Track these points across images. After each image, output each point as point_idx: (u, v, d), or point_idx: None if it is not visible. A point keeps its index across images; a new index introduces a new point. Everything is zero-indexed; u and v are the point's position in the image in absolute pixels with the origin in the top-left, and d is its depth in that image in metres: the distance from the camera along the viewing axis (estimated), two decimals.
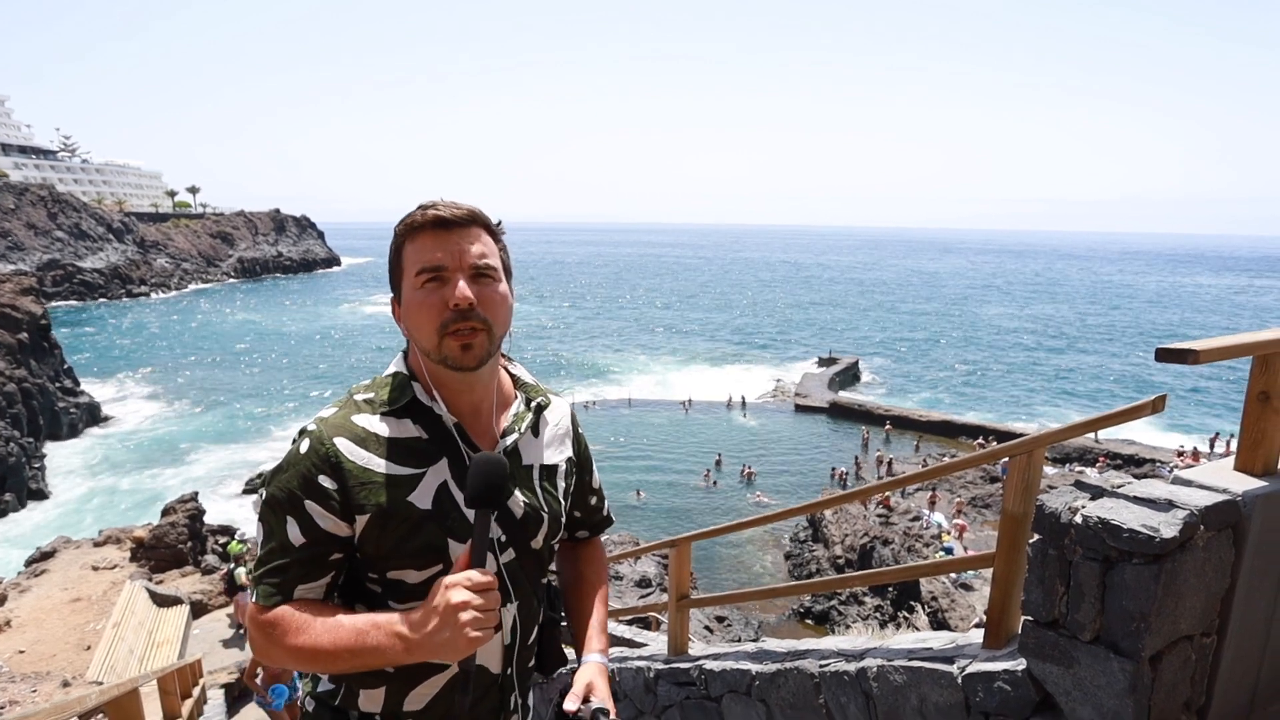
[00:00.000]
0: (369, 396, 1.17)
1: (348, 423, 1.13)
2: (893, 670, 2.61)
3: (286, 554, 1.10)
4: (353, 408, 1.15)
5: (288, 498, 1.09)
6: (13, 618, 11.87)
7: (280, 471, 1.11)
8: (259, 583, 1.11)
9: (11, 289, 35.20)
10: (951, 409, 39.20)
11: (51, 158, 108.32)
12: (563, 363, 53.48)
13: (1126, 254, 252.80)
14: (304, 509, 1.09)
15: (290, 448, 1.13)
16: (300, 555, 1.10)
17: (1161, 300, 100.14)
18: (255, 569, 1.12)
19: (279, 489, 1.10)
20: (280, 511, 1.10)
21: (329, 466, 1.09)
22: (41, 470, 29.75)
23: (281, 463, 1.12)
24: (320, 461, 1.09)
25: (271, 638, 1.09)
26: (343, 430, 1.12)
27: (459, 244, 1.11)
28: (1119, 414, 2.17)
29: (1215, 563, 1.80)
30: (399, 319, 1.17)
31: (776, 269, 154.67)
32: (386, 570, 1.14)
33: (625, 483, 28.58)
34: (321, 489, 1.08)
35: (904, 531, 19.96)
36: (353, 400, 1.17)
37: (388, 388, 1.18)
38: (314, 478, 1.08)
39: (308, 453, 1.10)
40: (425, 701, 1.19)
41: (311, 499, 1.08)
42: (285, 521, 1.09)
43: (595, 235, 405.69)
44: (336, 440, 1.10)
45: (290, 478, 1.09)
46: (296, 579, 1.11)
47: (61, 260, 76.84)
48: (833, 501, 3.71)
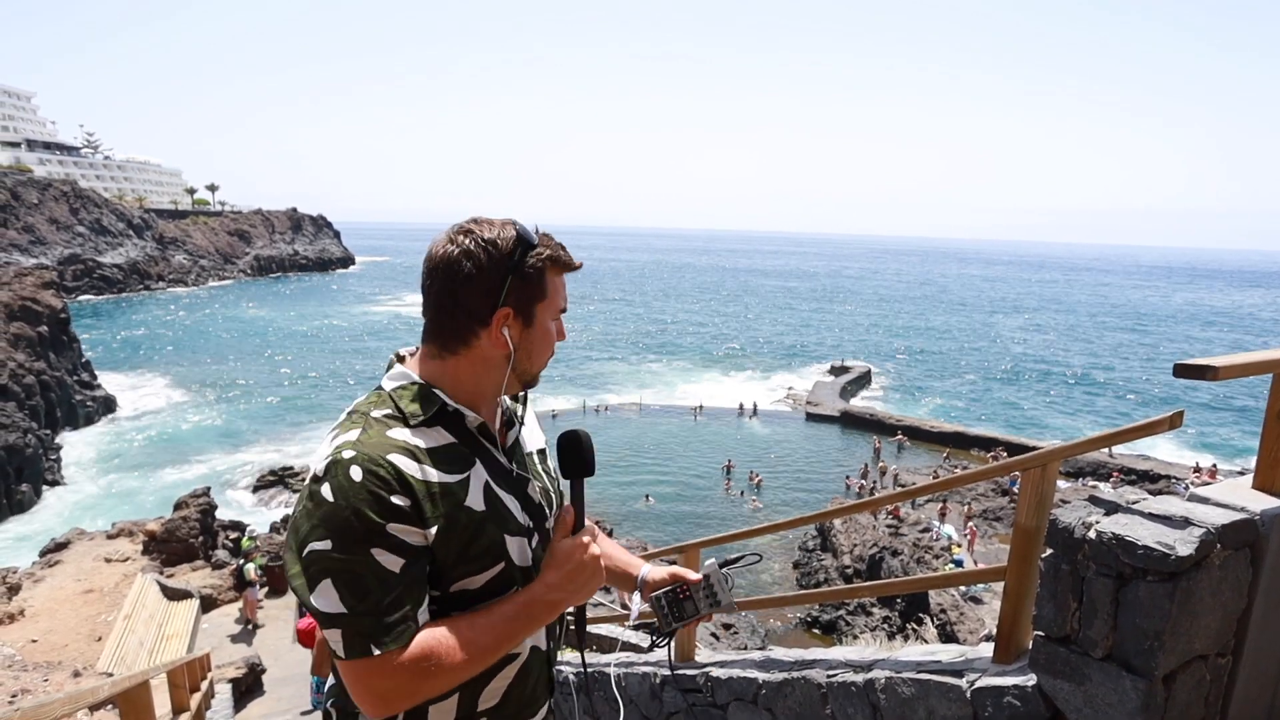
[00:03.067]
0: (388, 412, 1.12)
1: (388, 440, 1.07)
2: (901, 682, 2.59)
3: (393, 586, 1.02)
4: (380, 425, 1.10)
5: (364, 532, 1.00)
6: (26, 607, 12.02)
7: (339, 511, 1.00)
8: (381, 633, 1.01)
9: (33, 282, 35.74)
10: (964, 420, 38.93)
11: (75, 154, 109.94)
12: (572, 368, 53.58)
13: (1140, 267, 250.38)
14: (388, 534, 1.01)
15: (331, 486, 1.01)
16: (405, 579, 1.03)
17: (1178, 315, 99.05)
18: (358, 626, 1.00)
19: (351, 529, 1.00)
20: (361, 550, 1.00)
21: (398, 484, 1.03)
22: (58, 462, 30.13)
23: (333, 504, 1.01)
24: (385, 483, 1.02)
25: (427, 672, 1.03)
26: (390, 448, 1.06)
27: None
28: (1135, 429, 2.15)
29: (1232, 582, 1.78)
30: (502, 327, 1.15)
31: (788, 277, 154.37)
32: (451, 583, 1.11)
33: (634, 488, 28.58)
34: (397, 508, 1.02)
35: (914, 543, 19.84)
36: (372, 419, 1.10)
37: (408, 400, 1.14)
38: (385, 499, 1.02)
39: (365, 479, 1.01)
40: (499, 695, 1.20)
41: (392, 521, 1.02)
42: (371, 556, 1.01)
43: (603, 239, 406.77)
44: (390, 457, 1.04)
45: (360, 510, 1.00)
46: (416, 604, 1.05)
47: (82, 255, 77.91)
48: (842, 511, 3.70)
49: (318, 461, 1.05)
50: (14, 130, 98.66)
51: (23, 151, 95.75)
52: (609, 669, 5.10)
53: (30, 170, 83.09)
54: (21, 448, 27.60)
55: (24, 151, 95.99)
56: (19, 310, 33.22)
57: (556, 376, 49.79)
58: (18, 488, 27.15)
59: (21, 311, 33.26)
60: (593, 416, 39.61)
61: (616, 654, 5.69)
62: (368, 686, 1.02)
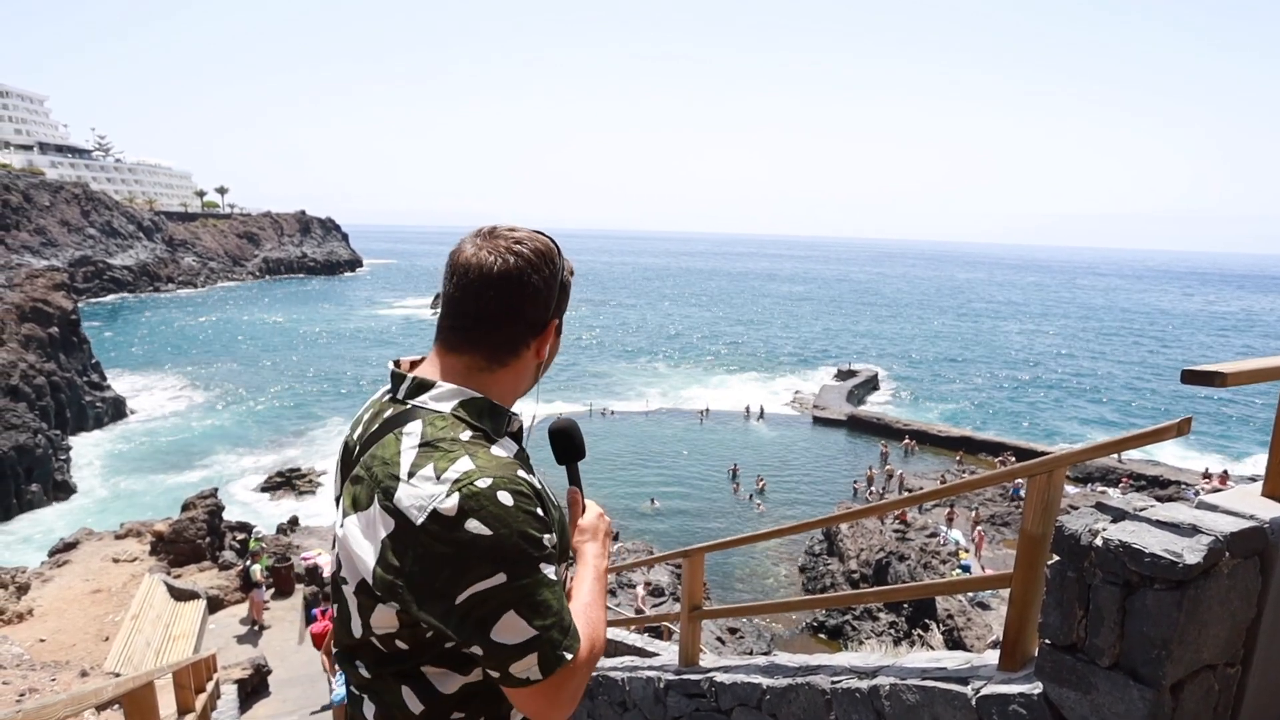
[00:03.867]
0: (471, 433, 1.08)
1: (500, 458, 1.05)
2: (906, 689, 2.58)
3: (559, 592, 1.04)
4: (479, 446, 1.06)
5: (534, 550, 0.99)
6: (35, 607, 12.09)
7: (501, 542, 0.97)
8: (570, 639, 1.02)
9: (44, 284, 36.02)
10: (972, 424, 38.77)
11: (86, 157, 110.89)
12: (580, 371, 53.61)
13: (1150, 271, 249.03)
14: (545, 546, 1.02)
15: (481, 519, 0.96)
16: (561, 581, 1.06)
17: (1189, 320, 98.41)
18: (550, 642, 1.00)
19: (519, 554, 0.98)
20: (534, 571, 0.99)
21: (537, 497, 1.04)
22: (67, 462, 30.33)
23: (493, 537, 0.96)
24: (531, 499, 1.02)
25: (595, 655, 1.09)
26: (510, 465, 1.04)
27: None
28: (1143, 435, 2.13)
29: (1241, 591, 1.76)
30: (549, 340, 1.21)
31: (793, 280, 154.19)
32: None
33: (640, 491, 28.56)
34: (546, 520, 1.03)
35: (920, 548, 19.75)
36: (465, 442, 1.05)
37: (477, 415, 1.11)
38: (537, 513, 1.01)
39: (516, 501, 0.99)
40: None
41: (547, 532, 1.03)
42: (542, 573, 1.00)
43: (607, 242, 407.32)
44: (520, 474, 1.04)
45: (524, 533, 0.98)
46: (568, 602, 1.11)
47: (93, 257, 78.52)
48: (849, 516, 3.68)
49: (428, 503, 0.97)
50: (27, 133, 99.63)
51: (35, 154, 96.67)
52: (613, 673, 5.09)
53: (42, 173, 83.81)
54: (31, 448, 27.80)
55: (36, 154, 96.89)
56: (30, 311, 33.49)
57: (563, 380, 49.85)
58: (28, 488, 27.36)
59: (33, 313, 33.53)
60: (599, 420, 39.62)
61: (620, 658, 5.68)
62: (563, 694, 1.02)
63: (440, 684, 1.08)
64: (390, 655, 1.08)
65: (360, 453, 1.12)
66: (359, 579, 1.04)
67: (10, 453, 26.76)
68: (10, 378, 29.29)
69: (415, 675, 1.08)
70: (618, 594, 18.04)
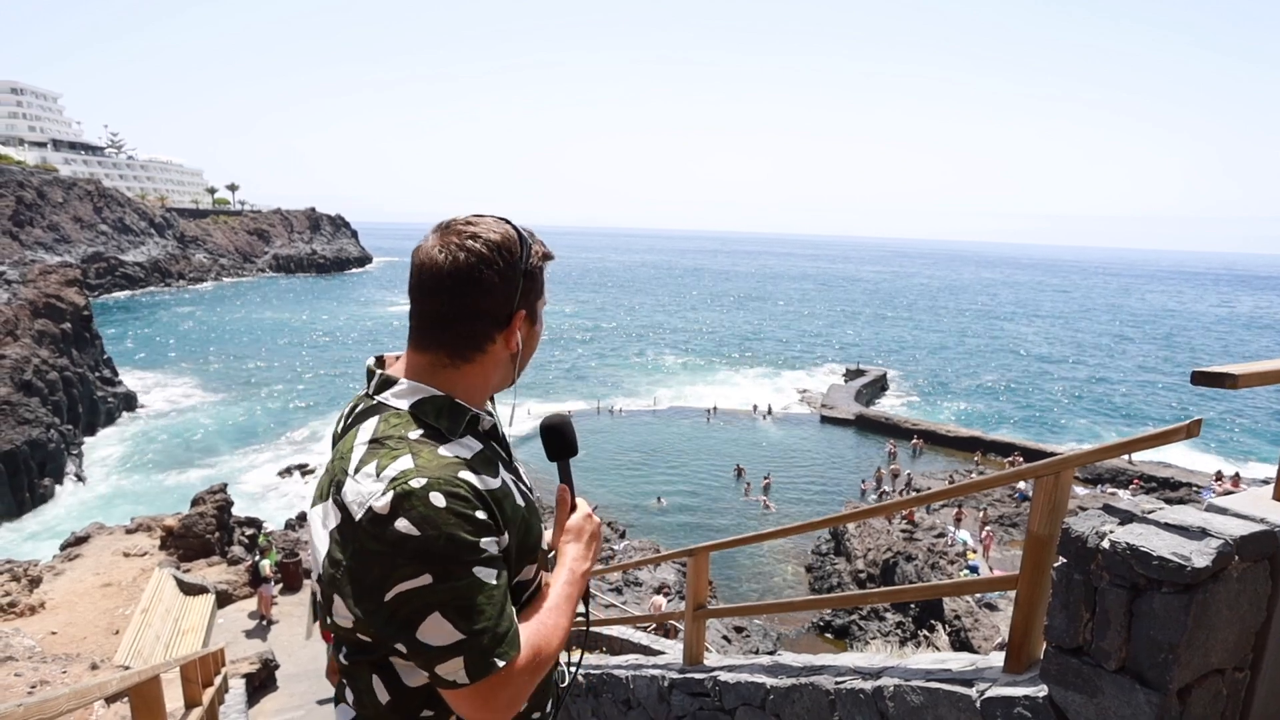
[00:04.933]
0: (421, 431, 1.08)
1: (445, 459, 1.04)
2: (909, 690, 2.56)
3: (497, 598, 1.02)
4: (426, 446, 1.05)
5: (466, 553, 0.99)
6: (47, 600, 12.20)
7: (430, 543, 0.96)
8: (502, 646, 1.01)
9: (57, 280, 36.33)
10: (981, 425, 38.57)
11: (99, 154, 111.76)
12: (587, 370, 53.65)
13: (1162, 271, 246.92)
14: (481, 549, 1.00)
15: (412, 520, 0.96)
16: (502, 587, 1.04)
17: (1198, 319, 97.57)
18: (478, 647, 0.98)
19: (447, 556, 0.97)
20: (465, 573, 0.98)
21: (476, 500, 1.02)
22: (79, 457, 30.62)
23: (421, 537, 0.96)
24: (467, 501, 1.01)
25: (538, 665, 1.07)
26: (452, 466, 1.03)
27: None
28: (1151, 437, 2.11)
29: (1250, 595, 1.74)
30: (517, 332, 1.15)
31: (801, 279, 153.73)
32: (513, 578, 1.12)
33: (646, 489, 28.57)
34: (483, 522, 1.01)
35: (928, 548, 19.66)
36: (412, 441, 1.05)
37: (433, 414, 1.11)
38: (473, 516, 1.00)
39: (449, 503, 0.98)
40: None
41: (484, 536, 1.01)
42: (475, 577, 0.99)
43: (614, 240, 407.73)
44: (461, 475, 1.02)
45: (453, 536, 0.98)
46: (512, 609, 1.07)
47: (105, 253, 79.13)
48: (856, 515, 3.66)
49: (366, 500, 0.98)
50: (41, 130, 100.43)
51: (49, 151, 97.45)
52: (618, 671, 5.09)
53: (56, 170, 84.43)
54: (44, 443, 28.07)
55: (50, 151, 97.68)
56: (43, 307, 33.80)
57: (570, 378, 49.90)
58: (40, 482, 27.62)
59: (46, 309, 33.83)
60: (606, 418, 39.65)
61: (625, 656, 5.68)
62: (496, 700, 1.01)
63: (406, 677, 1.09)
64: (360, 645, 1.09)
65: (333, 445, 1.16)
66: (318, 569, 1.07)
67: (23, 447, 27.02)
68: (24, 373, 29.56)
69: (385, 666, 1.09)
70: (624, 591, 18.04)
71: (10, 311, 32.23)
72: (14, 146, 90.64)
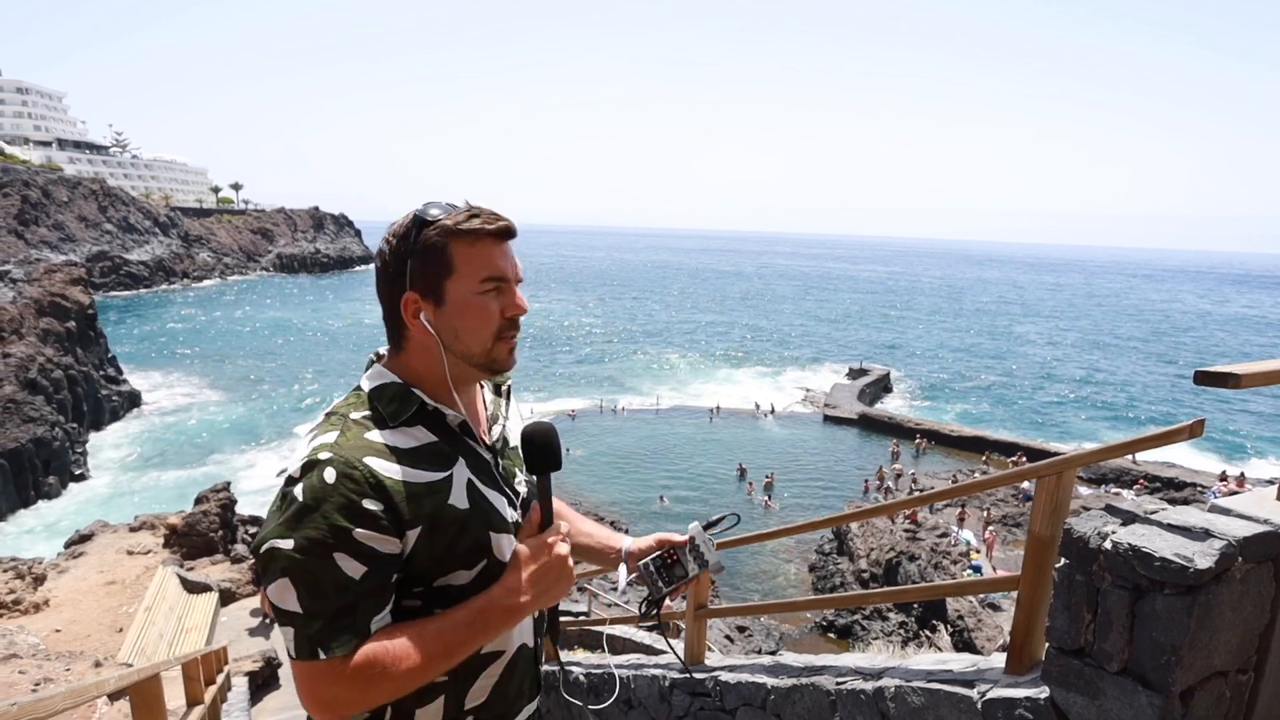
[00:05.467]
0: (365, 414, 1.12)
1: (366, 442, 1.07)
2: (910, 691, 2.55)
3: (349, 593, 1.01)
4: (358, 427, 1.09)
5: (332, 535, 1.00)
6: (51, 597, 12.25)
7: (307, 513, 1.00)
8: (328, 639, 1.00)
9: (62, 279, 36.45)
10: (985, 424, 38.48)
11: (103, 153, 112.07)
12: (591, 368, 53.67)
13: (1168, 271, 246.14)
14: (354, 539, 1.01)
15: (304, 487, 1.02)
16: (364, 587, 1.02)
17: (1205, 319, 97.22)
18: (308, 629, 1.00)
19: (315, 531, 1.00)
20: (324, 553, 1.00)
21: (370, 488, 1.02)
22: (83, 455, 30.71)
23: (301, 505, 1.01)
24: (359, 486, 1.02)
25: (372, 680, 1.01)
26: (366, 450, 1.06)
27: (512, 256, 1.17)
28: (1154, 437, 2.10)
29: (1254, 597, 1.73)
30: (415, 315, 1.13)
31: (804, 278, 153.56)
32: (435, 579, 1.11)
33: (650, 488, 28.57)
34: (369, 513, 1.02)
35: (931, 548, 19.63)
36: (350, 420, 1.10)
37: (385, 400, 1.14)
38: (358, 503, 1.01)
39: (338, 481, 1.01)
40: (487, 693, 1.20)
41: (361, 526, 1.01)
42: (334, 561, 1.00)
43: (619, 239, 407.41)
44: (367, 460, 1.04)
45: (327, 513, 1.00)
46: (369, 613, 1.03)
47: (110, 252, 79.40)
48: (859, 515, 3.65)
49: (294, 462, 1.05)
50: (46, 130, 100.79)
51: (54, 150, 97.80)
52: (619, 671, 5.08)
53: (61, 169, 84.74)
54: (49, 441, 28.18)
55: (55, 150, 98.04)
56: (48, 306, 33.92)
57: (574, 376, 49.92)
58: (44, 480, 27.73)
59: (51, 307, 33.95)
60: (610, 417, 39.67)
61: (626, 655, 5.67)
62: (311, 690, 1.01)
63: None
64: None
65: None
66: None
67: (28, 445, 27.13)
68: (29, 371, 29.67)
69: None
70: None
71: (15, 310, 32.35)
72: (20, 146, 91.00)
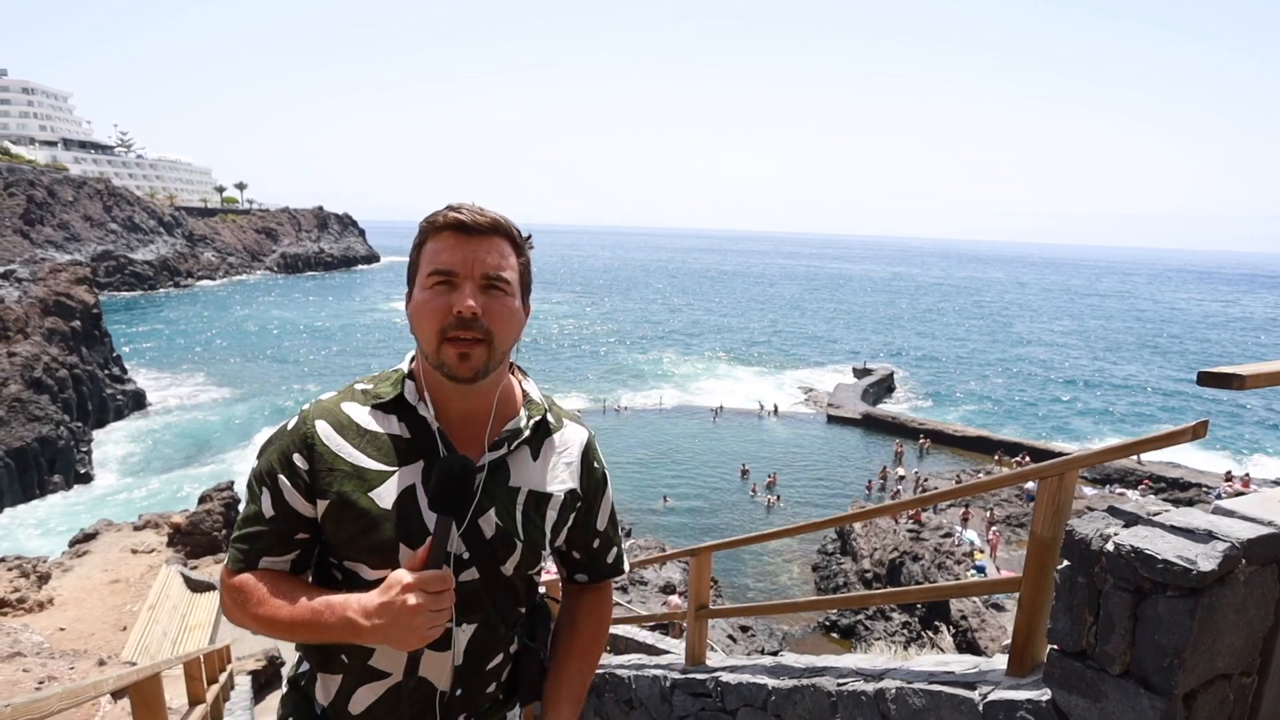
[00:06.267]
0: (367, 388, 1.20)
1: (336, 408, 1.17)
2: (911, 693, 2.54)
3: (258, 523, 1.14)
4: (348, 395, 1.20)
5: (267, 470, 1.14)
6: (55, 596, 12.29)
7: (268, 444, 1.17)
8: (231, 546, 1.17)
9: (67, 278, 36.55)
10: (990, 424, 38.37)
11: (109, 153, 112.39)
12: (593, 368, 53.65)
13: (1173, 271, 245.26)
14: (277, 482, 1.13)
15: (278, 426, 1.20)
16: (269, 527, 1.13)
17: (1207, 319, 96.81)
18: (233, 537, 1.17)
19: (264, 461, 1.15)
20: (259, 482, 1.15)
21: (304, 446, 1.13)
22: (88, 454, 30.78)
23: (271, 436, 1.18)
24: (298, 440, 1.13)
25: (236, 602, 1.13)
26: (327, 414, 1.16)
27: (475, 251, 1.09)
28: (1157, 438, 2.08)
29: (1257, 599, 1.71)
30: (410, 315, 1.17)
31: (807, 278, 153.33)
32: (344, 559, 1.15)
33: (652, 488, 28.56)
34: (293, 466, 1.12)
35: (934, 548, 19.58)
36: (352, 388, 1.21)
37: (387, 382, 1.20)
38: (290, 454, 1.13)
39: (291, 430, 1.15)
40: (365, 706, 1.19)
41: (284, 474, 1.12)
42: (261, 492, 1.14)
43: (622, 239, 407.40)
44: (317, 422, 1.15)
45: (273, 451, 1.15)
46: (263, 550, 1.14)
47: (114, 251, 79.57)
48: (862, 515, 3.63)
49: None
50: (51, 130, 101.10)
51: (59, 150, 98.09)
52: (620, 671, 5.08)
53: (66, 169, 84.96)
54: (54, 440, 28.26)
55: (60, 150, 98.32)
56: (54, 305, 34.01)
57: (576, 376, 49.91)
58: (50, 479, 27.81)
59: (56, 306, 34.05)
60: (612, 416, 39.65)
61: (628, 656, 5.67)
62: (221, 583, 1.18)
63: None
64: None
65: None
66: None
67: (33, 444, 27.21)
68: (34, 370, 29.75)
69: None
70: (629, 590, 18.03)
71: (21, 309, 32.44)
72: (25, 145, 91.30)
